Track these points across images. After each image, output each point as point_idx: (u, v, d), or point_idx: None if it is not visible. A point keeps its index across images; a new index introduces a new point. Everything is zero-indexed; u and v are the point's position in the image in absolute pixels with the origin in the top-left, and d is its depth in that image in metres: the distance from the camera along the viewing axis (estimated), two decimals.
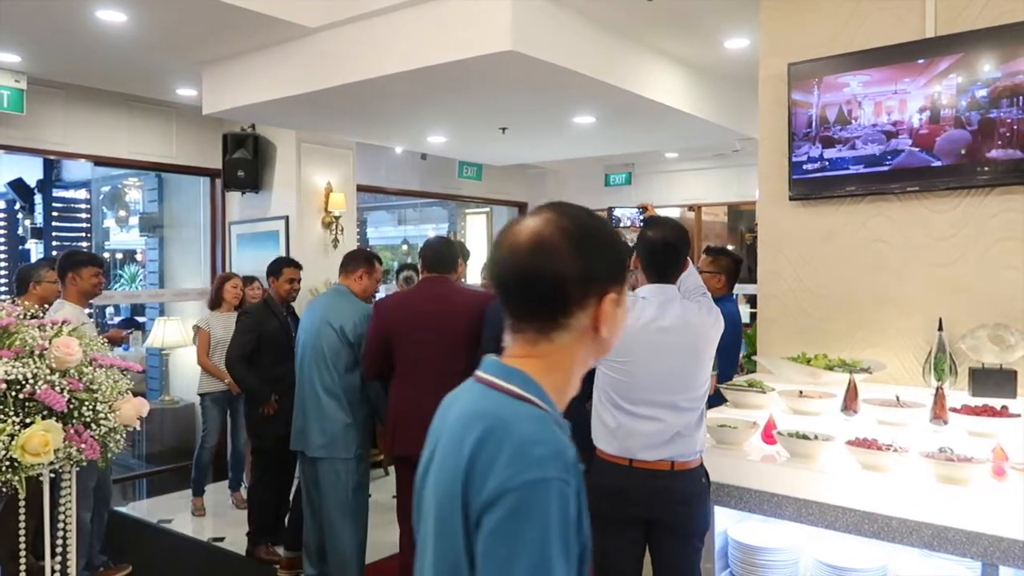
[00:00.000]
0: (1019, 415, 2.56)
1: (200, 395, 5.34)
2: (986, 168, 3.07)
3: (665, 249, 2.54)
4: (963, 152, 3.11)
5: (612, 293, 1.10)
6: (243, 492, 5.58)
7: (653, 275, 2.55)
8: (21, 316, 1.67)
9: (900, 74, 3.22)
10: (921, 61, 3.16)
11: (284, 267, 4.59)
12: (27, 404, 1.57)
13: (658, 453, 2.42)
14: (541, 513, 0.93)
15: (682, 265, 2.62)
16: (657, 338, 2.45)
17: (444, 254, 3.52)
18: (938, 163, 3.16)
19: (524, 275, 1.08)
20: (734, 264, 4.12)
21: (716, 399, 2.98)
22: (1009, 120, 3.00)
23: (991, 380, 2.92)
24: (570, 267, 1.06)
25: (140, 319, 8.85)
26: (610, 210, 9.72)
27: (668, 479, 2.43)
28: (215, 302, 5.44)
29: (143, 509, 5.71)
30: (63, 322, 1.74)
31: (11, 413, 1.54)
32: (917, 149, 3.21)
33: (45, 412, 1.58)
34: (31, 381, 1.57)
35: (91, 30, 4.36)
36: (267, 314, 4.39)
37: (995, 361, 2.95)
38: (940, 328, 3.00)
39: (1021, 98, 2.97)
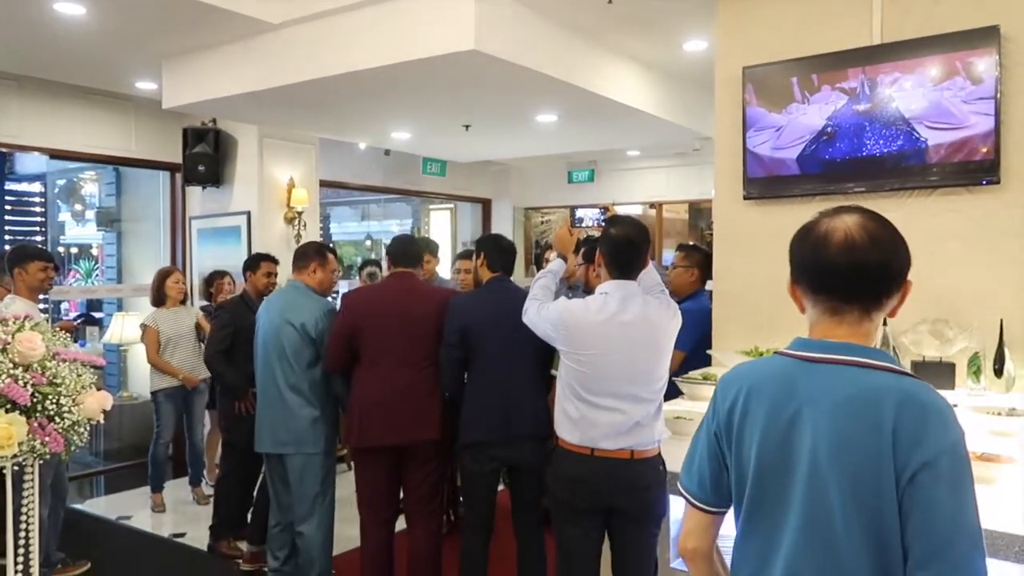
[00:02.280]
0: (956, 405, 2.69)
1: (152, 392, 5.29)
2: (934, 169, 3.20)
3: (628, 246, 2.63)
4: (907, 154, 3.24)
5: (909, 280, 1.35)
6: (204, 488, 5.55)
7: (616, 271, 2.64)
8: None
9: (847, 79, 3.35)
10: (867, 67, 3.29)
11: (261, 261, 4.60)
12: None
13: (618, 442, 2.51)
14: (967, 464, 1.20)
15: (643, 262, 2.71)
16: (619, 332, 2.54)
17: (409, 249, 3.64)
18: (884, 165, 3.29)
19: (872, 265, 1.29)
20: (706, 258, 4.21)
21: (672, 391, 3.07)
22: (954, 123, 3.14)
23: (932, 372, 3.06)
24: (904, 257, 1.31)
25: (97, 315, 8.71)
26: (572, 210, 9.83)
27: (628, 467, 2.52)
28: (158, 299, 5.32)
29: (101, 506, 5.64)
30: (25, 317, 1.75)
31: None
32: (863, 151, 3.34)
33: (8, 406, 1.59)
34: None
35: (48, 22, 4.30)
36: (243, 309, 4.36)
37: (935, 354, 3.09)
38: (884, 323, 3.13)
39: (961, 101, 3.11)
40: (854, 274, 1.30)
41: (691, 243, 4.65)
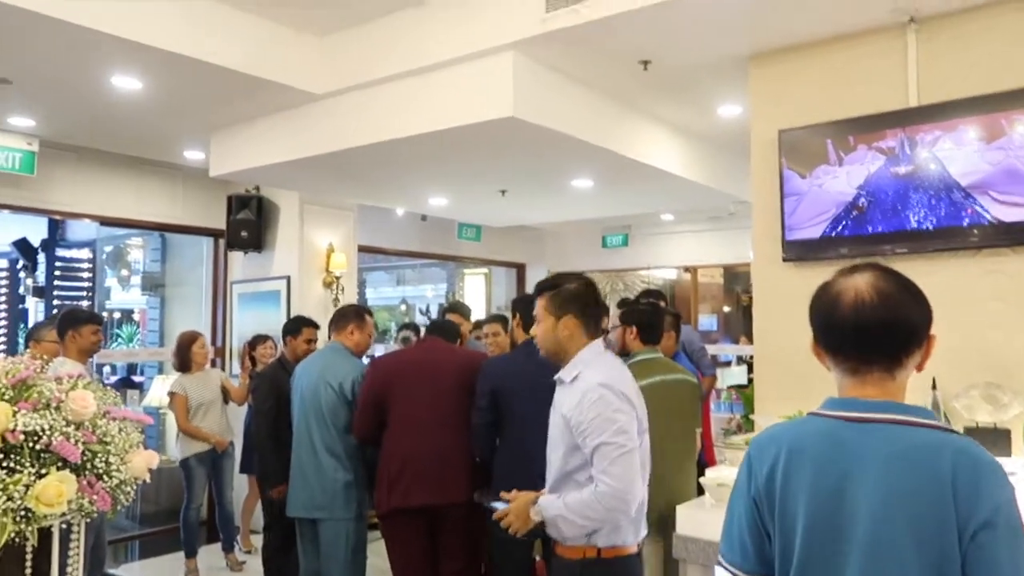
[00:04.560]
0: (1013, 473, 2.59)
1: (183, 459, 5.24)
2: (974, 231, 3.16)
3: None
4: (948, 216, 3.21)
5: (932, 334, 1.33)
6: (237, 553, 5.50)
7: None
8: (38, 370, 1.72)
9: (885, 138, 3.35)
10: (905, 129, 3.29)
11: (303, 326, 4.61)
12: (42, 455, 1.60)
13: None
14: (1020, 522, 1.19)
15: None
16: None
17: (446, 326, 3.82)
18: (925, 227, 3.26)
19: (881, 324, 1.29)
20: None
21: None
22: (995, 184, 3.10)
23: (986, 439, 2.95)
24: (920, 314, 1.32)
25: (137, 379, 8.85)
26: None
27: None
28: (183, 365, 5.29)
29: (136, 571, 5.63)
30: (79, 375, 1.79)
31: (27, 464, 1.57)
32: (904, 213, 3.31)
33: (60, 463, 1.61)
34: (47, 432, 1.61)
35: (106, 96, 4.52)
36: (282, 374, 4.32)
37: (989, 420, 2.99)
38: (934, 387, 3.04)
39: (1004, 164, 3.08)
40: (865, 334, 1.30)
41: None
